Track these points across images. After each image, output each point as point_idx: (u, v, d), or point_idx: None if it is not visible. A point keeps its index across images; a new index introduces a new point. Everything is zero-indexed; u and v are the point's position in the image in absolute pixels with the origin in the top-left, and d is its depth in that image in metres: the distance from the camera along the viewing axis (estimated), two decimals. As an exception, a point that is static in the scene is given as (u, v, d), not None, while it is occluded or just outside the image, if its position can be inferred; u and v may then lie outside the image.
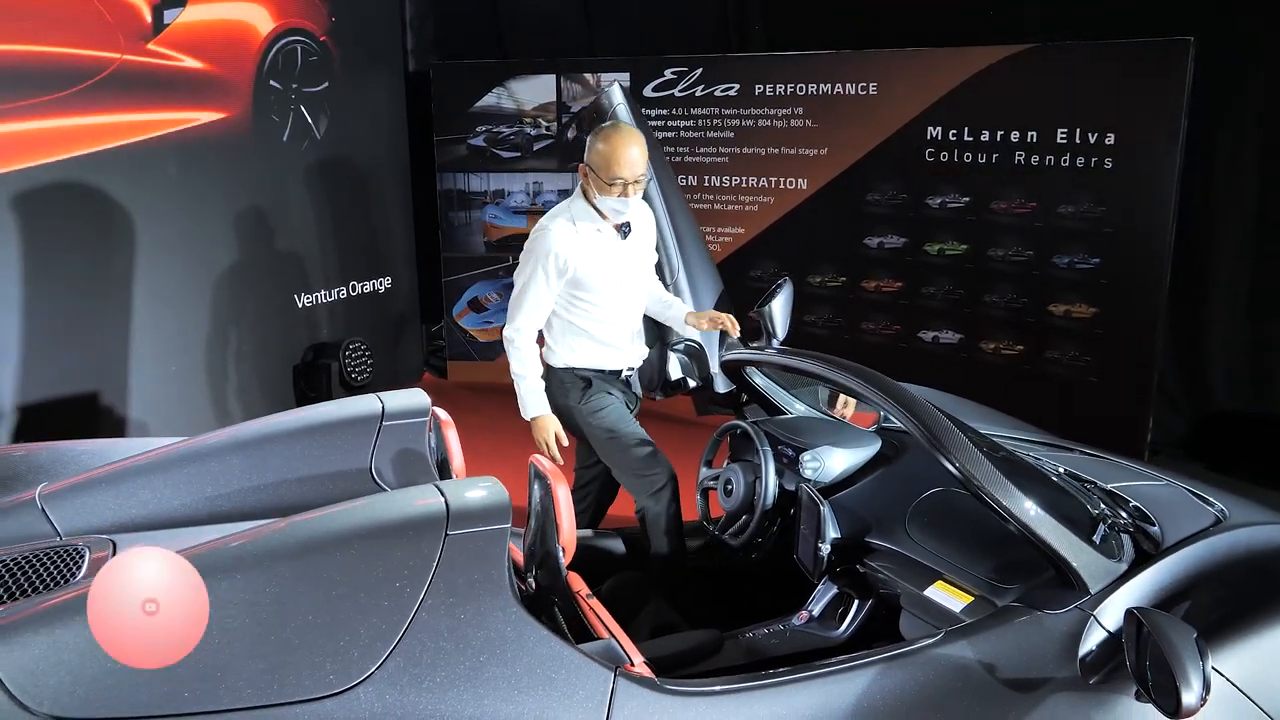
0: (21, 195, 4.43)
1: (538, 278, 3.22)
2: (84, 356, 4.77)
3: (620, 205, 3.19)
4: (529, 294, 3.25)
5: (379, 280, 6.52)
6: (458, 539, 1.81)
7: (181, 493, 2.31)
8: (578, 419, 3.37)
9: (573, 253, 3.21)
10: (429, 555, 1.78)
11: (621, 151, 3.11)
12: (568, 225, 3.22)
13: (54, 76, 4.48)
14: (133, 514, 2.26)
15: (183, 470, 2.35)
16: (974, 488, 2.26)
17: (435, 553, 1.79)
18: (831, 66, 5.69)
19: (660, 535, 3.25)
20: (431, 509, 1.87)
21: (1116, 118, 4.85)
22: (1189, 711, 1.78)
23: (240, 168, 5.43)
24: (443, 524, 1.83)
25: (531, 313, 3.27)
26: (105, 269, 4.85)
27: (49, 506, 2.25)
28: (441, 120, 6.53)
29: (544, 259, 3.20)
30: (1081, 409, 5.11)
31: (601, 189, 3.17)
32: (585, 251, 3.23)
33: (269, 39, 5.51)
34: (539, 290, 3.24)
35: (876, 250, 5.79)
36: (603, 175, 3.14)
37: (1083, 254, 5.07)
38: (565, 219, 3.23)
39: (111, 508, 2.27)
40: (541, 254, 3.20)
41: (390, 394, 2.60)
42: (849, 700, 1.88)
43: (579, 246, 3.22)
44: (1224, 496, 2.95)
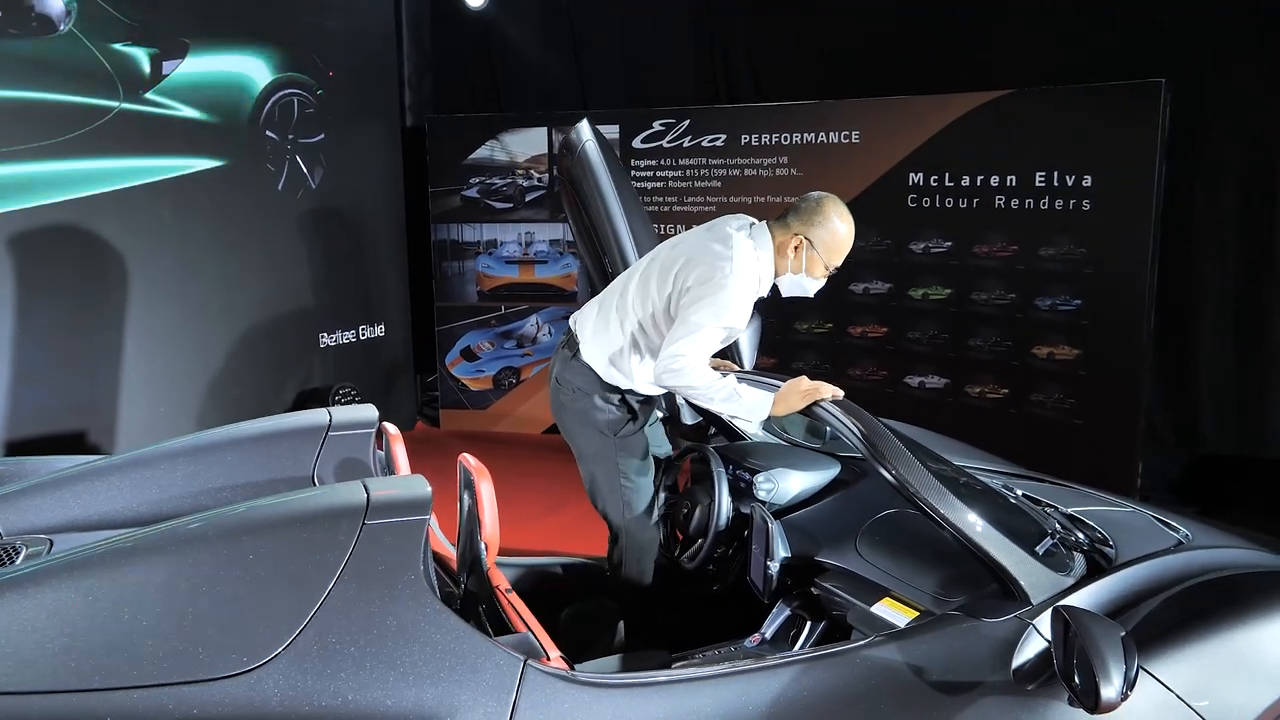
0: (19, 235, 4.54)
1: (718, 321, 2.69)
2: (73, 395, 4.83)
3: (814, 287, 2.84)
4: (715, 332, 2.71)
5: (373, 328, 6.59)
6: (375, 529, 1.82)
7: (125, 496, 2.33)
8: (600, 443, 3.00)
9: (743, 299, 2.75)
10: (344, 543, 1.79)
11: (851, 240, 2.80)
12: (753, 279, 2.77)
13: (54, 122, 4.63)
14: (75, 516, 2.28)
15: (128, 475, 2.37)
16: (909, 494, 2.25)
17: (351, 541, 1.79)
18: (815, 116, 5.79)
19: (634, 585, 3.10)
20: (352, 500, 1.88)
21: (1093, 160, 4.91)
22: (1108, 706, 1.75)
23: (235, 215, 5.55)
24: (361, 514, 1.84)
25: (704, 340, 2.70)
26: (98, 310, 4.94)
27: (-2, 510, 2.28)
28: (436, 172, 6.67)
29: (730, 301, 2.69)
30: (1069, 452, 5.08)
31: (812, 267, 2.79)
32: (747, 302, 2.78)
33: (266, 91, 5.68)
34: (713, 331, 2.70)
35: (861, 296, 5.82)
36: (824, 255, 2.77)
37: (1064, 295, 5.09)
38: (751, 269, 2.76)
39: (55, 510, 2.29)
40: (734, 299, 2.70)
41: (341, 408, 2.63)
42: (765, 697, 1.85)
43: (748, 298, 2.78)
44: (1191, 524, 2.93)
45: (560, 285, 6.60)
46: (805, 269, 2.80)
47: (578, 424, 3.02)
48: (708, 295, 2.68)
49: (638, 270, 2.97)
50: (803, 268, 2.80)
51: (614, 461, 2.99)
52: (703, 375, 2.70)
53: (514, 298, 6.73)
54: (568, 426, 3.07)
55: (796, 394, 2.61)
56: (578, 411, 3.00)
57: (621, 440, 2.99)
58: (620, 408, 2.99)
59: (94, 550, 1.83)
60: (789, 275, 2.83)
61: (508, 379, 6.83)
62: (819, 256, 2.77)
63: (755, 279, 2.77)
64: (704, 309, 2.67)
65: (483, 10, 6.62)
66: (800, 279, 2.83)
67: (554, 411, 3.12)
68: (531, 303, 6.71)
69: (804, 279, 2.83)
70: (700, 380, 2.70)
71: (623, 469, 3.00)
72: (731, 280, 2.68)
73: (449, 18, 6.99)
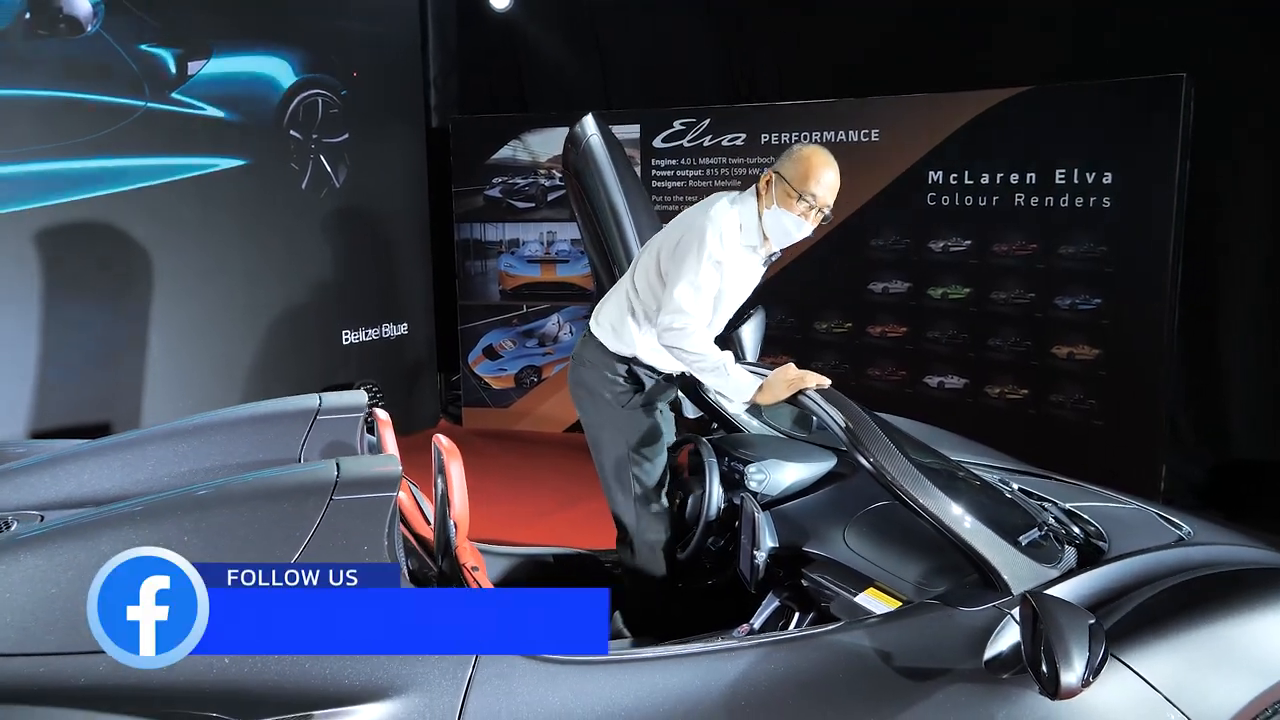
0: (47, 231, 4.66)
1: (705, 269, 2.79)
2: (99, 388, 4.94)
3: (796, 227, 2.86)
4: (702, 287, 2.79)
5: (396, 326, 6.67)
6: (342, 503, 1.86)
7: (116, 475, 2.38)
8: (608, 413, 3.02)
9: (729, 258, 2.86)
10: (312, 516, 1.83)
11: (824, 168, 2.81)
12: (735, 229, 2.87)
13: (82, 121, 4.75)
14: (68, 493, 2.34)
15: (121, 455, 2.42)
16: (886, 483, 2.24)
17: (318, 514, 1.83)
18: (834, 114, 5.77)
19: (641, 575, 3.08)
20: (323, 476, 1.92)
21: (1114, 157, 4.84)
22: (1068, 691, 1.73)
23: (259, 213, 5.65)
24: (330, 490, 1.87)
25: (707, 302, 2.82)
26: (124, 305, 5.06)
27: (-8, 486, 2.34)
28: (459, 171, 6.73)
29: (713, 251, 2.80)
30: (1089, 454, 4.99)
31: (785, 201, 2.83)
32: (735, 263, 2.89)
33: (291, 91, 5.78)
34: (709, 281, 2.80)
35: (881, 295, 5.78)
36: (795, 184, 2.80)
37: (1084, 294, 5.02)
38: (731, 218, 2.86)
39: (48, 488, 2.35)
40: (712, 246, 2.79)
41: (332, 393, 2.67)
42: (724, 679, 1.84)
43: (734, 256, 2.88)
44: (1196, 522, 2.87)
45: (581, 284, 6.62)
46: (778, 202, 2.83)
47: (589, 397, 3.07)
48: (694, 244, 2.79)
49: (642, 254, 3.07)
50: (774, 201, 2.84)
51: (623, 436, 3.00)
52: (701, 342, 2.76)
53: (536, 297, 6.77)
54: (581, 402, 3.11)
55: (782, 382, 2.63)
56: (589, 384, 3.06)
57: (629, 413, 3.01)
58: (627, 379, 3.03)
59: (70, 521, 1.88)
60: (770, 215, 2.85)
61: (529, 377, 6.87)
62: (790, 186, 2.81)
63: (737, 226, 2.85)
64: (691, 256, 2.78)
65: (507, 12, 6.68)
66: (780, 216, 2.84)
67: (571, 392, 3.16)
68: (553, 302, 6.75)
69: (784, 216, 2.84)
70: (697, 346, 2.75)
71: (630, 443, 3.00)
72: (712, 228, 2.79)
73: (474, 20, 7.06)
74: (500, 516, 5.14)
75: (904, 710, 1.86)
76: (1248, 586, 2.24)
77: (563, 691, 1.78)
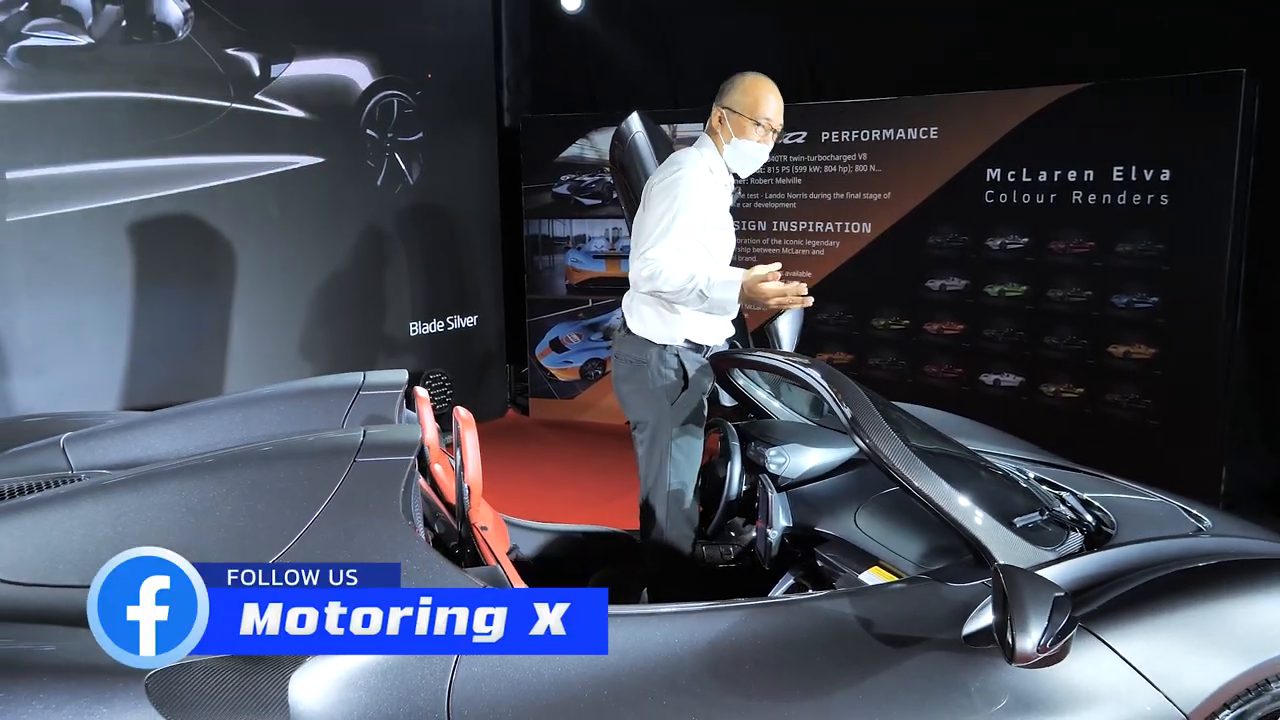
0: (138, 224, 5.02)
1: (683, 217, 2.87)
2: (183, 371, 5.29)
3: (760, 152, 3.02)
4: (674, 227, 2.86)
5: (466, 318, 6.92)
6: (364, 465, 2.04)
7: (179, 440, 2.62)
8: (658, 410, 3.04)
9: (709, 201, 2.94)
10: (336, 475, 2.02)
11: (770, 92, 2.98)
12: (705, 172, 2.97)
13: (172, 120, 5.10)
14: (135, 455, 2.58)
15: (183, 423, 2.67)
16: (882, 465, 2.32)
17: (341, 474, 2.02)
18: (894, 112, 5.81)
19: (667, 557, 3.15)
20: (349, 440, 2.11)
21: (1172, 153, 4.79)
22: (1022, 656, 1.80)
23: (335, 208, 5.96)
24: (354, 452, 2.06)
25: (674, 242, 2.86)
26: (208, 294, 5.40)
27: (69, 447, 2.60)
28: (529, 169, 6.96)
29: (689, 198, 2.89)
30: (1145, 455, 4.94)
31: (742, 130, 2.97)
32: (716, 204, 2.99)
33: (367, 92, 6.07)
34: (684, 226, 2.89)
35: (938, 293, 5.80)
36: (748, 114, 2.96)
37: (1141, 293, 4.97)
38: (701, 165, 2.97)
39: (119, 450, 2.60)
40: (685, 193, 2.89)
41: (375, 372, 2.88)
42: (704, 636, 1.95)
43: (713, 197, 2.97)
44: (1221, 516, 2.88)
45: (644, 280, 6.77)
46: (735, 133, 2.99)
47: (636, 394, 3.11)
48: (664, 192, 2.93)
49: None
50: (731, 134, 3.00)
51: (667, 431, 3.05)
52: (677, 278, 2.83)
53: (601, 291, 6.95)
54: (627, 400, 3.16)
55: (767, 289, 2.78)
56: (636, 382, 3.09)
57: (676, 410, 3.05)
58: (676, 371, 3.06)
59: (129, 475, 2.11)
60: (730, 148, 3.02)
61: (594, 370, 7.05)
62: (742, 116, 2.98)
63: (705, 170, 2.99)
64: (662, 202, 2.91)
65: (579, 13, 6.88)
66: (741, 146, 3.01)
67: (615, 390, 3.23)
68: (617, 296, 6.87)
69: (744, 145, 3.00)
70: (674, 282, 2.83)
71: (675, 440, 3.05)
72: (680, 174, 2.92)
73: (547, 22, 7.28)
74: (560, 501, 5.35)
75: (875, 674, 1.94)
76: (1235, 574, 2.26)
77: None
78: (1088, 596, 2.15)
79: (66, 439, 2.64)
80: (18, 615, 1.85)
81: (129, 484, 2.06)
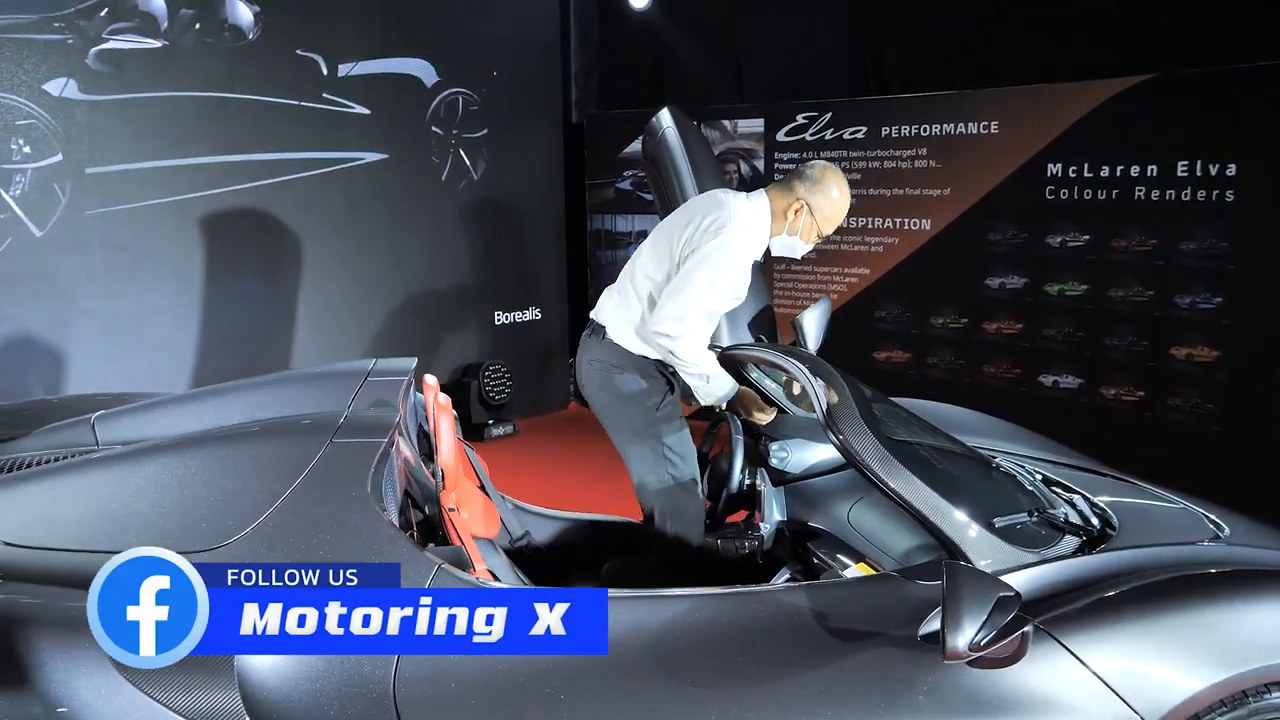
0: (211, 216, 5.29)
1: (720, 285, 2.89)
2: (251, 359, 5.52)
3: (803, 250, 3.04)
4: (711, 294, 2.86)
5: (530, 311, 7.05)
6: (339, 445, 2.15)
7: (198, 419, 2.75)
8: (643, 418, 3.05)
9: (743, 268, 2.98)
10: (311, 453, 2.12)
11: (845, 212, 3.00)
12: (749, 237, 2.96)
13: (243, 118, 5.35)
14: (158, 432, 2.74)
15: (203, 403, 2.81)
16: (855, 462, 2.31)
17: (317, 452, 2.12)
18: (953, 106, 5.70)
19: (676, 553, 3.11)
20: (330, 420, 2.22)
21: (1238, 148, 4.58)
22: (951, 653, 1.79)
23: (400, 202, 6.15)
24: (331, 432, 2.17)
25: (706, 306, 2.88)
26: (276, 284, 5.65)
27: (99, 425, 2.78)
28: (594, 165, 7.05)
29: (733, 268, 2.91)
30: (1208, 460, 4.75)
31: (808, 232, 2.98)
32: (744, 270, 3.00)
33: (433, 90, 6.24)
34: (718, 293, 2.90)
35: (997, 291, 5.67)
36: (822, 223, 2.96)
37: (1204, 293, 4.78)
38: (749, 229, 2.96)
39: (144, 428, 2.75)
40: (732, 264, 2.90)
41: (386, 359, 2.99)
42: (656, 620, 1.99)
43: (745, 265, 2.99)
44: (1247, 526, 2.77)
45: (703, 275, 6.79)
46: (800, 232, 2.96)
47: (618, 401, 3.06)
48: (709, 252, 2.83)
49: (648, 242, 3.13)
50: (799, 230, 2.96)
51: (657, 436, 3.02)
52: (694, 349, 2.84)
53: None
54: (605, 405, 3.10)
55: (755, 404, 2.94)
56: (615, 388, 3.05)
57: (662, 415, 3.04)
58: (659, 379, 3.06)
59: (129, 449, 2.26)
60: (783, 236, 2.99)
61: (653, 365, 7.09)
62: (815, 223, 2.95)
63: (752, 237, 2.94)
64: (704, 266, 2.83)
65: (647, 10, 6.94)
66: (793, 241, 2.99)
67: (588, 396, 3.18)
68: (677, 292, 6.94)
69: (796, 241, 2.99)
70: (689, 354, 2.83)
71: (666, 442, 3.03)
72: (728, 234, 2.84)
73: (614, 19, 7.36)
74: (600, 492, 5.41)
75: (822, 667, 1.95)
76: (1222, 582, 2.18)
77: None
78: (1058, 600, 2.11)
79: (97, 417, 2.82)
80: (21, 576, 2.01)
81: (127, 457, 2.21)
